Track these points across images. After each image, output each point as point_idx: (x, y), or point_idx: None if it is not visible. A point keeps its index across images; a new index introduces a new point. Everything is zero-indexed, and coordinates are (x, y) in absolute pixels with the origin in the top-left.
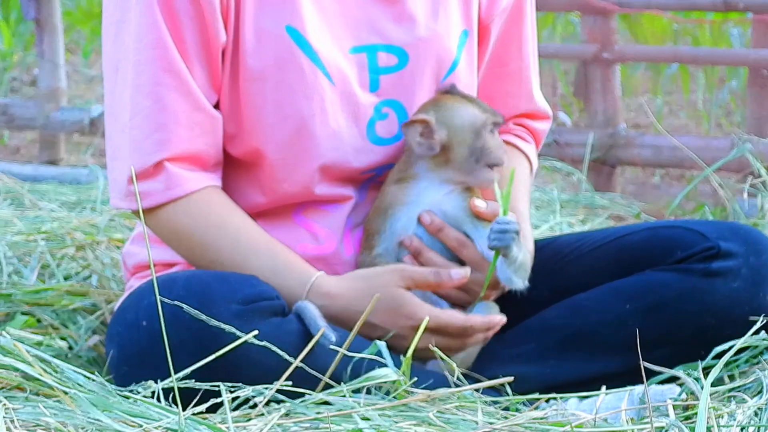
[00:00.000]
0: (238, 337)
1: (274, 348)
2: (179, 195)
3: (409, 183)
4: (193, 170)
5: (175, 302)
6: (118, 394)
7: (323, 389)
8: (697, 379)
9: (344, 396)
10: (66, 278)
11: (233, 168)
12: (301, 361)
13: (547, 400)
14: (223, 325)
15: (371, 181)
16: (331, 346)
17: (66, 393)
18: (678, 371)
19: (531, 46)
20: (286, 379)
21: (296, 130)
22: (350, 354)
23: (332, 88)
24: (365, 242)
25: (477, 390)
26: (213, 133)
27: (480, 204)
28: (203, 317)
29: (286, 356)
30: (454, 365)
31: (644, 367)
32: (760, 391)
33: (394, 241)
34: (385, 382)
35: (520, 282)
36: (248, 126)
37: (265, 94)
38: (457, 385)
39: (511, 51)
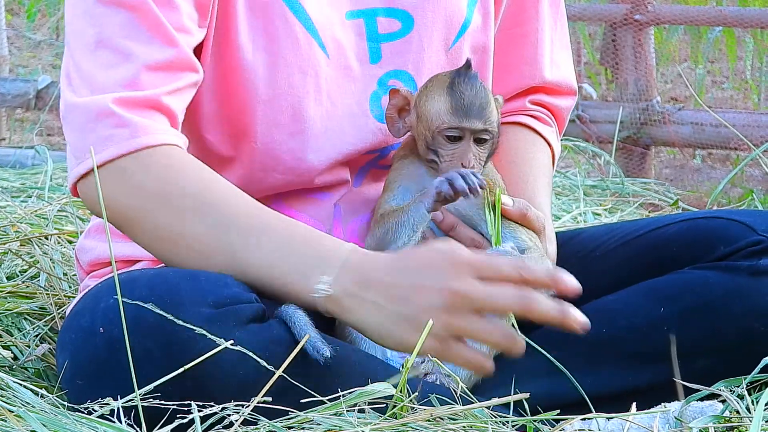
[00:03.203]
0: (211, 346)
1: (254, 356)
2: (153, 143)
3: (415, 161)
4: (165, 124)
5: (138, 302)
6: (71, 414)
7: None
8: (740, 397)
9: (335, 414)
10: (9, 278)
11: (206, 158)
12: (284, 373)
13: (569, 420)
14: (194, 328)
15: (373, 164)
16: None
17: (11, 411)
18: (719, 387)
19: (548, 6)
20: (267, 395)
21: (290, 108)
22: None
23: (327, 61)
24: (372, 218)
25: (488, 408)
26: (188, 94)
27: (506, 201)
28: (170, 317)
29: (267, 365)
30: (459, 379)
31: (681, 381)
32: None
33: None
34: (380, 398)
35: None
36: (237, 105)
37: (256, 69)
38: (464, 402)
39: (527, 9)
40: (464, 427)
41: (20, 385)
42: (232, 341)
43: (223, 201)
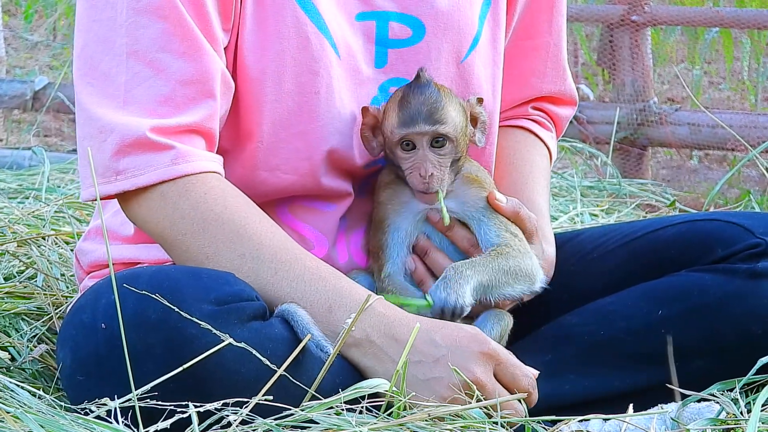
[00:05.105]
0: (212, 343)
1: (256, 353)
2: (192, 171)
3: (401, 185)
4: (203, 147)
5: (145, 291)
6: (68, 415)
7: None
8: (735, 401)
9: (334, 413)
10: (6, 278)
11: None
12: (286, 372)
13: (566, 421)
14: (198, 321)
15: (374, 177)
16: (319, 353)
17: (9, 413)
18: (713, 392)
19: (562, 22)
20: (267, 394)
21: (298, 108)
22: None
23: (338, 62)
24: (375, 264)
25: (485, 408)
26: (222, 110)
27: (500, 198)
28: (175, 309)
29: (269, 363)
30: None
31: (678, 384)
32: None
33: (402, 254)
34: (379, 398)
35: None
36: (243, 103)
37: (263, 67)
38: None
39: (540, 23)
40: (462, 427)
41: (18, 386)
42: (232, 339)
43: (255, 232)
